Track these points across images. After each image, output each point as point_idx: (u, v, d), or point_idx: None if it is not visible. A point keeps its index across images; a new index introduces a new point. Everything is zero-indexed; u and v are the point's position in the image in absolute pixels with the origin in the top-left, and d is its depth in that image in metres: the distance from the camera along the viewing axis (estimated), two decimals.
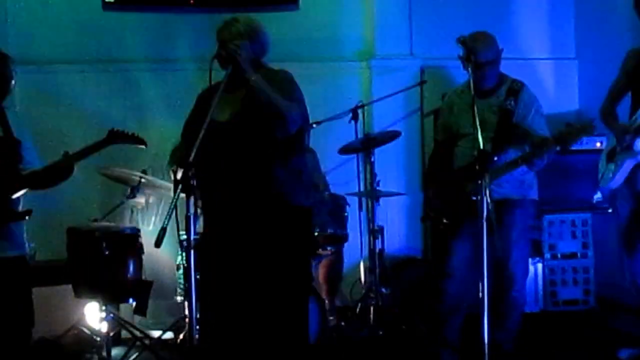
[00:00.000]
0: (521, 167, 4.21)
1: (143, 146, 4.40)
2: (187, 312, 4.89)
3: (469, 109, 4.31)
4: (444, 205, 4.49)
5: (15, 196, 4.00)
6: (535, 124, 4.32)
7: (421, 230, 6.21)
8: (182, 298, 5.09)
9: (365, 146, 5.36)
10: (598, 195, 5.80)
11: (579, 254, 5.81)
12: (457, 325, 4.49)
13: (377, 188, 5.38)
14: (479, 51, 4.17)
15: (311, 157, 3.91)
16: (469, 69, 3.89)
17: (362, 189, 5.84)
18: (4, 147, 4.03)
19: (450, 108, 4.55)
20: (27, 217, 4.06)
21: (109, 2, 5.79)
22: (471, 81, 3.78)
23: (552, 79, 6.49)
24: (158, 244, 3.02)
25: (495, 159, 4.24)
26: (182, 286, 5.09)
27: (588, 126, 4.08)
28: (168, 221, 3.01)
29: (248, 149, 3.51)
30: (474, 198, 4.24)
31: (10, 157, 4.04)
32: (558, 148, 4.11)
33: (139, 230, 4.91)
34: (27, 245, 4.17)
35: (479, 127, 3.57)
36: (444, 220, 4.49)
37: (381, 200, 5.47)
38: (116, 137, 4.25)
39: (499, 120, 4.30)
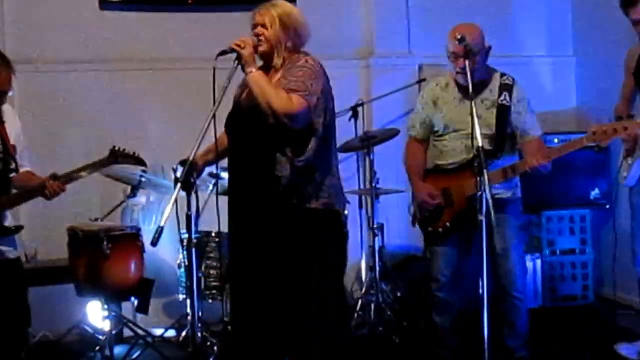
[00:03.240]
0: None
1: (143, 167, 4.46)
2: (189, 310, 4.92)
3: (458, 103, 4.30)
4: (436, 208, 4.37)
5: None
6: (529, 122, 4.27)
7: None
8: (184, 296, 5.12)
9: (365, 144, 5.39)
10: (596, 192, 5.84)
11: (577, 250, 5.83)
12: (452, 327, 4.46)
13: (377, 186, 5.40)
14: (471, 40, 4.08)
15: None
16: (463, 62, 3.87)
17: (361, 186, 5.86)
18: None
19: (434, 102, 4.38)
20: (16, 234, 4.01)
21: (107, 2, 5.79)
22: (472, 75, 3.75)
23: (549, 76, 6.49)
24: (154, 242, 3.04)
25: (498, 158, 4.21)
26: (183, 284, 5.11)
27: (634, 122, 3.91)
28: (166, 220, 3.02)
29: (253, 138, 3.47)
30: (477, 201, 4.23)
31: (5, 171, 3.97)
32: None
33: (139, 229, 4.92)
34: (21, 244, 4.18)
35: (476, 123, 3.55)
36: (447, 224, 4.32)
37: (381, 197, 5.49)
38: (117, 155, 4.26)
39: (497, 116, 4.22)
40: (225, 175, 4.13)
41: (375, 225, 5.47)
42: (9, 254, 3.98)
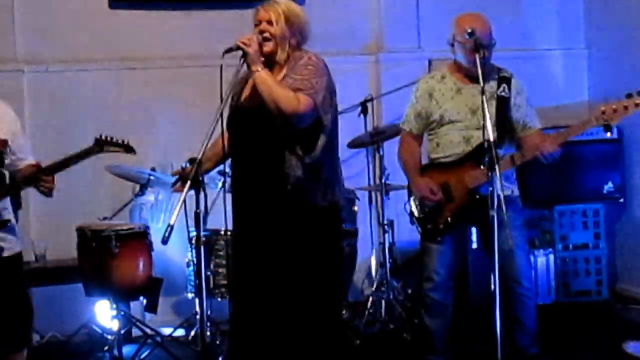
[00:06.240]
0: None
1: (132, 154, 4.14)
2: (197, 308, 4.89)
3: (455, 94, 4.22)
4: (437, 204, 4.24)
5: None
6: (529, 115, 4.21)
7: None
8: (193, 295, 5.09)
9: (374, 140, 5.35)
10: (609, 185, 5.78)
11: (590, 245, 5.77)
12: (445, 333, 4.34)
13: (387, 182, 5.36)
14: (486, 33, 4.06)
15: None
16: (473, 54, 3.82)
17: (371, 182, 5.82)
18: None
19: (430, 95, 4.27)
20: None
21: (116, 0, 5.78)
22: (479, 69, 3.70)
23: (561, 69, 6.44)
24: (165, 241, 3.01)
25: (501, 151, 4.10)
26: (192, 283, 5.09)
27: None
28: (175, 218, 2.99)
29: (260, 137, 3.43)
30: (480, 194, 4.01)
31: None
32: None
33: (148, 228, 4.90)
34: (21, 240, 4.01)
35: (487, 115, 3.51)
36: (449, 219, 4.19)
37: (391, 193, 5.45)
38: (103, 144, 4.00)
39: (497, 108, 4.14)
40: None
41: (385, 222, 5.43)
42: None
